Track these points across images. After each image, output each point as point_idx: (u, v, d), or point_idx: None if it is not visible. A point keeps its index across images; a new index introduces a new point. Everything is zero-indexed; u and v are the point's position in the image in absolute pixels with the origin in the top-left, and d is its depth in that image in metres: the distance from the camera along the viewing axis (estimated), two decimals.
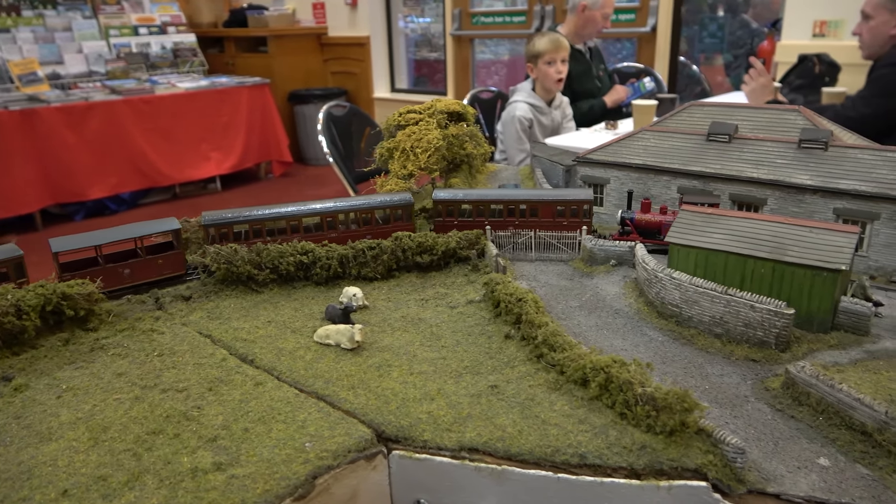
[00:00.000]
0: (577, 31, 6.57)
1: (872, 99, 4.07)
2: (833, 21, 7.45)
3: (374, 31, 12.12)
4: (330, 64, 12.83)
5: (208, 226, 2.30)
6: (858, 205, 2.11)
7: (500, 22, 11.24)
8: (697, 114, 2.64)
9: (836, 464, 1.42)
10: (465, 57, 11.65)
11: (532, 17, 10.80)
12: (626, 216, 2.35)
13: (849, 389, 1.50)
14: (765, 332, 1.75)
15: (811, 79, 6.35)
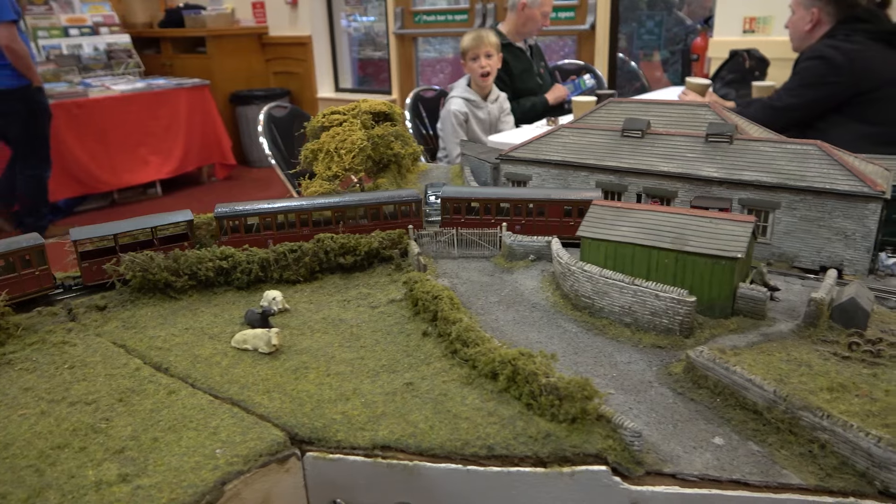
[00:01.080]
0: (518, 29, 6.66)
1: (798, 89, 4.26)
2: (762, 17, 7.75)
3: (315, 30, 11.98)
4: (272, 64, 12.63)
5: (221, 217, 2.37)
6: (761, 195, 2.22)
7: (442, 20, 11.27)
8: (615, 110, 2.72)
9: (729, 442, 1.50)
10: (408, 56, 11.65)
11: (474, 16, 10.87)
12: None
13: (742, 371, 1.58)
14: (670, 319, 1.83)
15: (742, 73, 6.60)
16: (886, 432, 1.38)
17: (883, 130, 4.13)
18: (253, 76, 12.53)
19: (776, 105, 4.33)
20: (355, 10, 12.64)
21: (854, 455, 1.39)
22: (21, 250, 2.12)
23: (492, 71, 5.72)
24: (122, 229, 2.29)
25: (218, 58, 12.00)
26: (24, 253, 2.12)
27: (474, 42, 5.69)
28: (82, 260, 2.23)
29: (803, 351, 1.69)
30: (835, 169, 2.12)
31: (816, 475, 1.40)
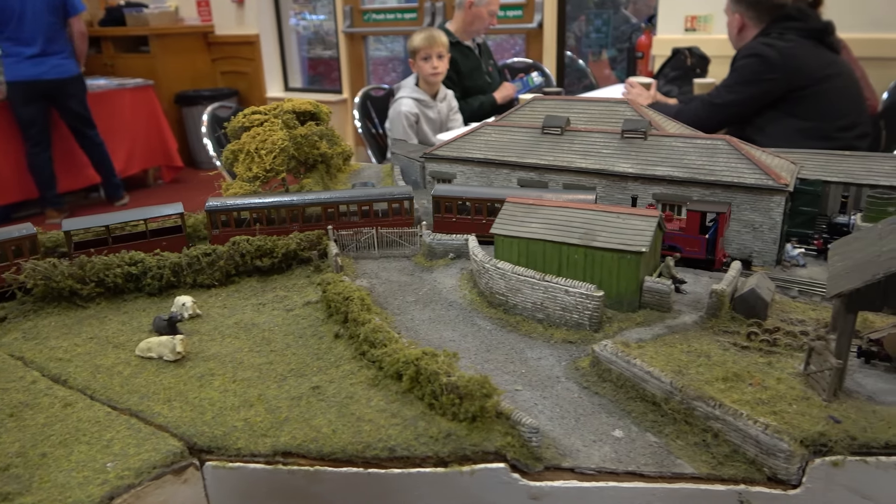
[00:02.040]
0: (465, 27, 6.66)
1: (735, 86, 4.36)
2: (702, 16, 7.93)
3: (263, 29, 11.77)
4: (219, 63, 12.35)
5: (212, 211, 2.35)
6: (673, 189, 2.26)
7: (391, 19, 11.21)
8: (539, 107, 2.73)
9: (629, 434, 1.52)
10: (358, 54, 11.55)
11: (423, 14, 10.84)
12: None
13: (642, 364, 1.60)
14: (579, 314, 1.85)
15: (684, 70, 6.74)
16: (774, 419, 1.42)
17: (816, 125, 4.27)
18: (199, 76, 12.23)
19: (715, 101, 4.44)
20: (304, 9, 12.47)
21: (744, 443, 1.42)
22: (11, 240, 2.14)
23: (442, 72, 5.72)
24: (114, 221, 2.33)
25: (162, 57, 11.67)
26: (15, 243, 2.16)
27: (426, 42, 5.64)
28: (75, 250, 2.27)
29: (704, 342, 1.72)
30: (742, 163, 2.18)
31: (709, 464, 1.43)
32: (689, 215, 2.12)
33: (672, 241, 2.15)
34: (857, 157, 2.34)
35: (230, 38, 12.07)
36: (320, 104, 2.96)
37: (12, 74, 8.15)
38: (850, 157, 2.35)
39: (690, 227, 2.13)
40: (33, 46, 8.14)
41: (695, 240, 2.12)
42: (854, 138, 4.38)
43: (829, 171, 2.30)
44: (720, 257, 2.14)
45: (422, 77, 5.73)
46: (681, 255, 2.09)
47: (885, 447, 1.35)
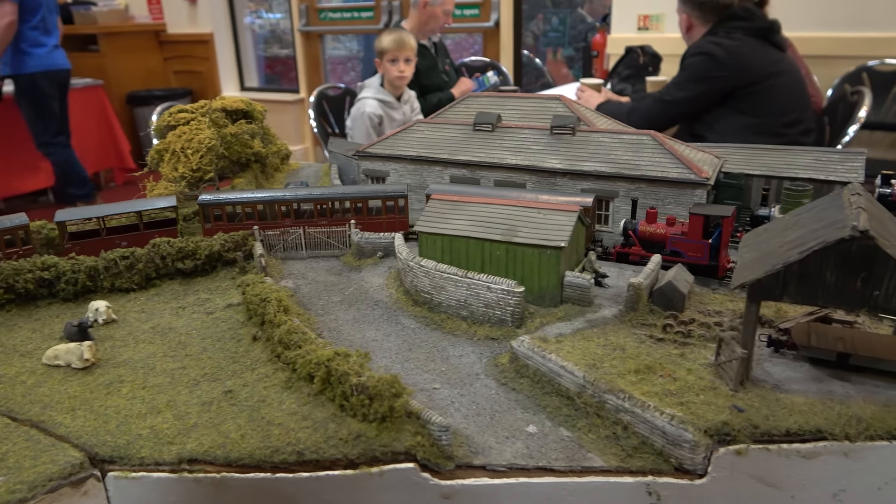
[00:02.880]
0: (420, 26, 6.63)
1: (685, 84, 4.43)
2: (655, 15, 8.05)
3: (217, 27, 11.54)
4: (171, 63, 12.07)
5: (205, 205, 2.32)
6: (601, 184, 2.27)
7: (348, 17, 11.11)
8: (473, 104, 2.72)
9: (542, 429, 1.52)
10: (315, 53, 11.42)
11: (380, 13, 10.77)
12: (629, 227, 2.16)
13: (556, 358, 1.60)
14: (502, 310, 1.84)
15: (637, 69, 6.83)
16: (680, 410, 1.43)
17: (762, 121, 4.36)
18: (151, 75, 11.92)
19: (666, 99, 4.50)
20: (260, 7, 12.27)
21: (652, 434, 1.43)
22: (4, 230, 2.13)
23: (409, 76, 5.68)
24: (108, 212, 2.34)
25: (112, 56, 11.34)
26: (8, 233, 2.16)
27: (396, 45, 5.58)
28: (70, 241, 2.28)
29: (621, 335, 1.73)
30: (666, 158, 2.20)
31: (618, 456, 1.44)
32: (692, 219, 2.01)
33: (674, 246, 2.04)
34: (777, 150, 2.39)
35: (183, 36, 11.80)
36: (254, 102, 2.90)
37: (45, 64, 7.74)
38: (772, 151, 2.40)
39: (693, 232, 2.02)
40: (54, 36, 7.87)
41: (698, 245, 2.00)
42: (799, 134, 4.50)
43: (751, 164, 2.35)
44: (724, 263, 2.02)
45: (387, 79, 5.68)
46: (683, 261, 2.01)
47: (787, 434, 1.37)
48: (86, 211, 2.36)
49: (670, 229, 2.08)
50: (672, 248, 2.05)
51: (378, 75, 5.87)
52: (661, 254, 2.03)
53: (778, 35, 4.46)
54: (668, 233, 2.07)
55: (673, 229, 2.08)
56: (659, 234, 2.10)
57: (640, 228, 2.13)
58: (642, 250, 2.13)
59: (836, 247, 1.34)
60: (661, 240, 2.09)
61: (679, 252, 2.05)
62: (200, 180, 2.56)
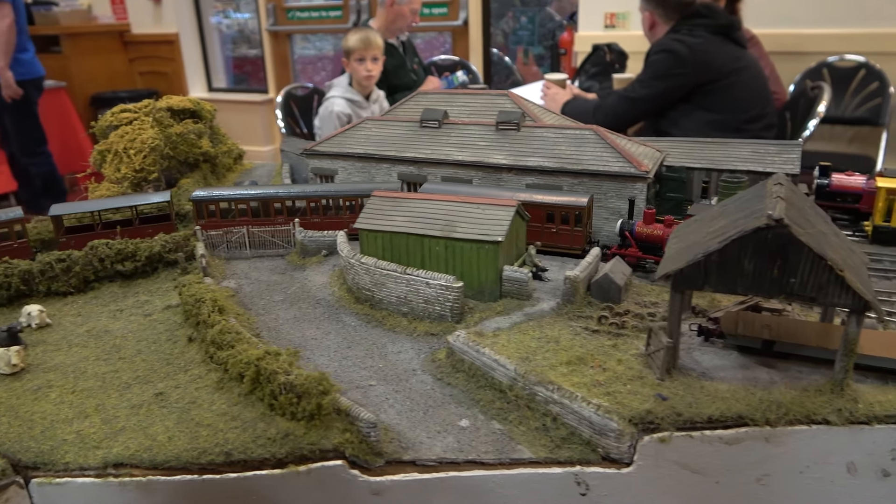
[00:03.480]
0: (388, 25, 6.60)
1: (649, 81, 4.47)
2: (621, 13, 8.11)
3: (182, 27, 11.38)
4: (137, 64, 11.86)
5: (199, 201, 2.32)
6: (545, 179, 2.28)
7: (316, 17, 11.04)
8: (423, 102, 2.72)
9: (475, 423, 1.52)
10: (283, 53, 11.32)
11: (348, 12, 10.72)
12: (626, 228, 2.08)
13: (490, 352, 1.60)
14: (441, 306, 1.84)
15: (603, 66, 6.87)
16: (607, 400, 1.44)
17: (725, 117, 4.43)
18: (116, 77, 11.70)
19: (631, 96, 4.54)
20: (228, 6, 12.12)
21: (580, 425, 1.44)
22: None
23: (376, 74, 5.65)
24: (103, 207, 2.34)
25: (75, 58, 11.11)
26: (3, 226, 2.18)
27: (362, 44, 5.55)
28: (66, 233, 2.30)
29: (557, 328, 1.74)
30: (607, 152, 2.22)
31: (547, 447, 1.45)
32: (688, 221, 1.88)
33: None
34: (717, 143, 2.43)
35: (148, 36, 11.61)
36: (203, 102, 2.86)
37: (31, 71, 7.53)
38: (712, 144, 2.43)
39: None
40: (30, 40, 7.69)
41: None
42: (761, 129, 4.58)
43: (692, 157, 2.38)
44: None
45: (355, 78, 5.65)
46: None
47: (709, 421, 1.39)
48: (80, 206, 2.36)
49: (668, 231, 1.99)
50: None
51: (346, 75, 5.84)
52: (659, 256, 1.94)
53: (739, 32, 4.53)
54: (665, 234, 1.98)
55: (671, 230, 1.97)
56: (656, 235, 2.02)
57: (637, 229, 2.05)
58: (639, 252, 2.05)
59: (753, 235, 1.37)
60: (659, 241, 2.01)
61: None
62: (144, 181, 2.52)
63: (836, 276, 1.32)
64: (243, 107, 11.33)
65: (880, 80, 6.57)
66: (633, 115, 4.57)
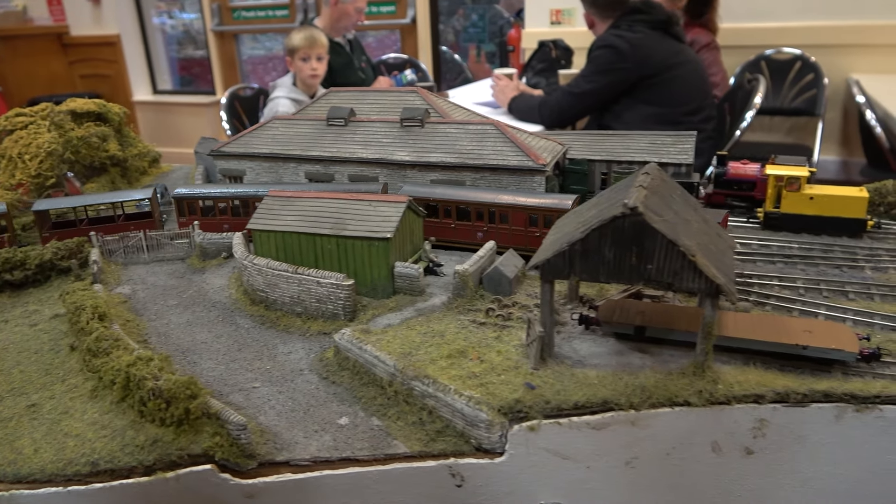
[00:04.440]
0: (333, 24, 6.52)
1: (592, 76, 4.53)
2: (566, 10, 8.20)
3: (124, 28, 11.08)
4: (77, 66, 11.51)
5: (180, 199, 2.33)
6: (448, 175, 2.30)
7: (262, 16, 10.88)
8: (335, 99, 2.70)
9: (354, 420, 1.52)
10: (230, 53, 11.13)
11: (295, 11, 10.59)
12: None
13: (371, 349, 1.61)
14: (334, 304, 1.83)
15: (549, 62, 6.93)
16: (480, 391, 1.46)
17: (665, 111, 4.52)
18: (55, 80, 11.34)
19: (574, 91, 4.60)
20: (172, 7, 11.86)
21: (454, 417, 1.45)
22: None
23: (321, 74, 5.58)
24: (86, 202, 2.34)
25: (10, 61, 10.73)
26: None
27: (306, 42, 5.47)
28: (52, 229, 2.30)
29: (446, 322, 1.75)
30: (507, 146, 2.24)
31: (422, 441, 1.45)
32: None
33: None
34: (617, 135, 2.48)
35: (88, 38, 11.27)
36: (110, 104, 2.79)
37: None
38: (612, 137, 2.48)
39: None
40: None
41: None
42: (700, 121, 4.69)
43: (593, 150, 2.42)
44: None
45: (300, 78, 5.57)
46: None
47: (575, 407, 1.42)
48: (64, 201, 2.37)
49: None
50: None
51: (290, 74, 5.77)
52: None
53: (677, 27, 4.63)
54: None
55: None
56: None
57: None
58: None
59: (612, 224, 1.40)
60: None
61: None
62: (42, 187, 2.44)
63: (690, 262, 1.36)
64: (190, 109, 11.11)
65: (815, 72, 6.80)
66: (577, 109, 4.63)
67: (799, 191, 2.18)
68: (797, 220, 2.19)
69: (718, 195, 2.46)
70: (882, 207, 2.30)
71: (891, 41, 6.48)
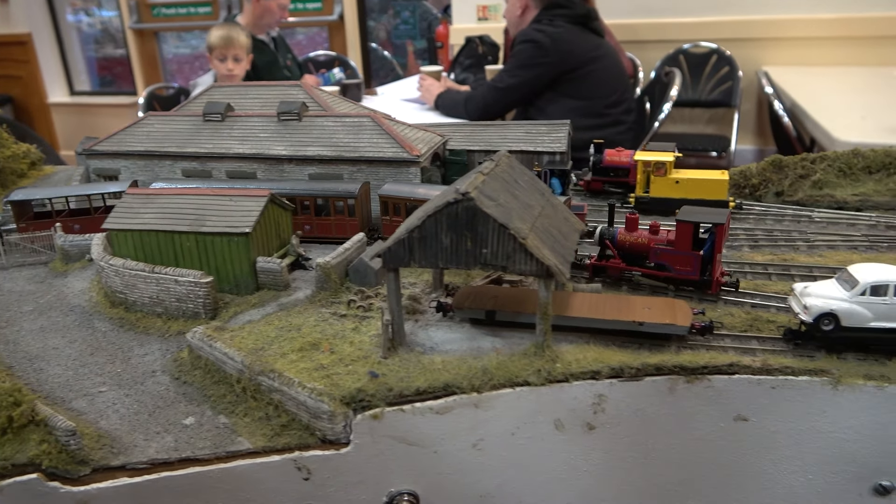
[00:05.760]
0: (255, 21, 6.34)
1: (514, 71, 4.57)
2: (492, 5, 8.25)
3: (35, 26, 10.55)
4: None
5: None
6: (326, 168, 2.28)
7: (184, 13, 10.55)
8: (217, 95, 2.64)
9: (200, 420, 1.49)
10: (151, 52, 10.75)
11: (218, 7, 10.31)
12: (606, 236, 1.84)
13: (221, 346, 1.57)
14: (194, 303, 1.79)
15: (476, 58, 6.96)
16: (325, 383, 1.45)
17: (587, 103, 4.61)
18: None
19: (499, 86, 4.63)
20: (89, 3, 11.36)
21: (299, 410, 1.44)
22: None
23: (238, 74, 5.41)
24: (62, 194, 2.31)
25: None
26: None
27: (223, 42, 5.27)
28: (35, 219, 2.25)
29: (306, 315, 1.73)
30: (383, 138, 2.24)
31: (267, 436, 1.43)
32: (679, 227, 1.70)
33: (659, 258, 1.74)
34: (496, 125, 2.52)
35: None
36: None
37: None
38: (491, 127, 2.51)
39: (681, 242, 1.71)
40: None
41: (687, 257, 1.65)
42: (621, 113, 4.80)
43: (473, 140, 2.44)
44: (718, 277, 1.73)
45: (218, 77, 5.41)
46: (672, 275, 1.74)
47: (417, 393, 1.42)
48: (39, 192, 2.34)
49: (654, 238, 1.78)
50: (657, 262, 1.75)
51: (211, 72, 5.60)
52: (645, 268, 1.78)
53: (596, 21, 4.72)
54: (651, 242, 1.78)
55: (657, 238, 1.79)
56: (641, 243, 1.79)
57: (620, 237, 1.82)
58: (622, 263, 1.82)
59: (446, 210, 1.41)
60: (644, 250, 1.79)
61: (665, 265, 1.74)
62: None
63: (521, 245, 1.38)
64: (110, 110, 10.67)
65: (730, 65, 7.06)
66: (502, 104, 4.68)
67: (666, 175, 2.26)
68: (665, 204, 2.27)
69: (597, 182, 2.52)
70: (747, 189, 2.41)
71: (799, 34, 6.79)
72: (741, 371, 1.42)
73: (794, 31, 6.85)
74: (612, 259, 1.83)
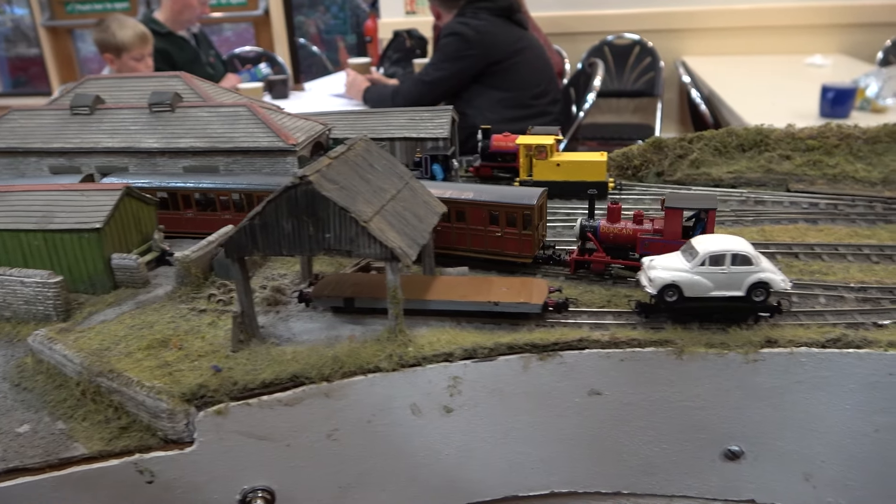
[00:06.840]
0: (175, 16, 6.07)
1: (440, 64, 4.55)
2: None
3: None
4: None
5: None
6: (199, 160, 2.20)
7: (100, 9, 10.10)
8: (92, 88, 2.51)
9: (35, 427, 1.40)
10: (66, 51, 10.26)
11: (137, 3, 9.93)
12: (587, 228, 1.75)
13: (61, 348, 1.49)
14: (44, 305, 1.69)
15: (405, 52, 6.90)
16: (167, 381, 1.38)
17: (513, 95, 4.62)
18: None
19: (425, 79, 4.60)
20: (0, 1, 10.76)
21: (139, 411, 1.37)
22: None
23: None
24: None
25: None
26: None
27: (139, 41, 4.99)
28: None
29: (163, 312, 1.66)
30: (259, 128, 2.18)
31: (105, 440, 1.36)
32: (668, 214, 1.64)
33: (648, 248, 1.65)
34: (378, 113, 2.49)
35: None
36: None
37: None
38: (374, 115, 2.49)
39: (670, 230, 1.64)
40: None
41: (677, 246, 1.57)
42: (547, 104, 4.84)
43: (356, 128, 2.40)
44: None
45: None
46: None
47: (264, 386, 1.38)
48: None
49: (639, 228, 1.70)
50: (644, 252, 1.65)
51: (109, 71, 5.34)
52: (630, 259, 1.71)
53: (519, 14, 4.74)
54: (637, 232, 1.69)
55: (642, 228, 1.70)
56: (625, 234, 1.70)
57: (602, 229, 1.73)
58: (606, 256, 1.74)
59: (285, 195, 1.37)
60: (630, 241, 1.70)
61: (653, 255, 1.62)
62: None
63: (363, 228, 1.36)
64: None
65: (652, 56, 7.23)
66: (429, 97, 4.65)
67: (547, 158, 2.27)
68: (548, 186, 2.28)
69: (486, 167, 2.52)
70: (630, 171, 2.45)
71: (716, 25, 7.01)
72: (590, 346, 1.44)
73: (711, 22, 7.07)
74: (595, 253, 1.76)
